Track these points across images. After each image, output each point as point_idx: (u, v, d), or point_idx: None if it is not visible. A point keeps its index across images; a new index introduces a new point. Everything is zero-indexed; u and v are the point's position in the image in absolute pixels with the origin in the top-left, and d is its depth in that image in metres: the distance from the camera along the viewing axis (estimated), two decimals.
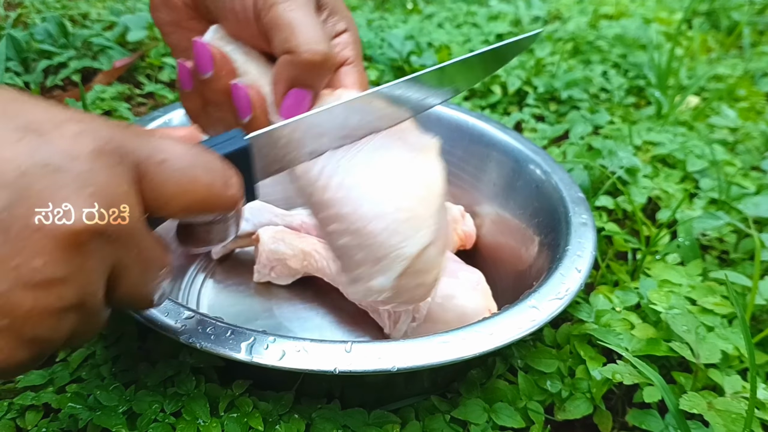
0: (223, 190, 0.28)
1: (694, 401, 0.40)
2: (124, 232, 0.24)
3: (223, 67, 0.34)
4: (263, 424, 0.39)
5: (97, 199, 0.23)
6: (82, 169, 0.22)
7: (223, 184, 0.28)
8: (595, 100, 0.89)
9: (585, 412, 0.44)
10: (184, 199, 0.27)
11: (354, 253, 0.34)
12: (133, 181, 0.25)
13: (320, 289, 0.55)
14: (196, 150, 0.27)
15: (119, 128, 0.25)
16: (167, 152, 0.26)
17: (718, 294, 0.51)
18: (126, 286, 0.26)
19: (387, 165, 0.34)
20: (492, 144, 0.60)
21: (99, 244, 0.23)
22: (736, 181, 0.67)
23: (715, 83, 0.97)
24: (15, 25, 0.95)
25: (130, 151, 0.25)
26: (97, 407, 0.40)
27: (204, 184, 0.27)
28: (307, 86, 0.34)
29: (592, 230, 0.48)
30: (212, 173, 0.27)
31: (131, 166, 0.24)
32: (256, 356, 0.35)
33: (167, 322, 0.37)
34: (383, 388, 0.43)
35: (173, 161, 0.26)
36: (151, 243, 0.27)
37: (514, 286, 0.51)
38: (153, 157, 0.25)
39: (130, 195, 0.24)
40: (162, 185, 0.26)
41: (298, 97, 0.34)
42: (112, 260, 0.24)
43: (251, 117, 0.35)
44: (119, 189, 0.24)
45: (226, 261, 0.60)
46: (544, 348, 0.48)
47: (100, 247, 0.23)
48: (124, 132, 0.25)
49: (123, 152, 0.24)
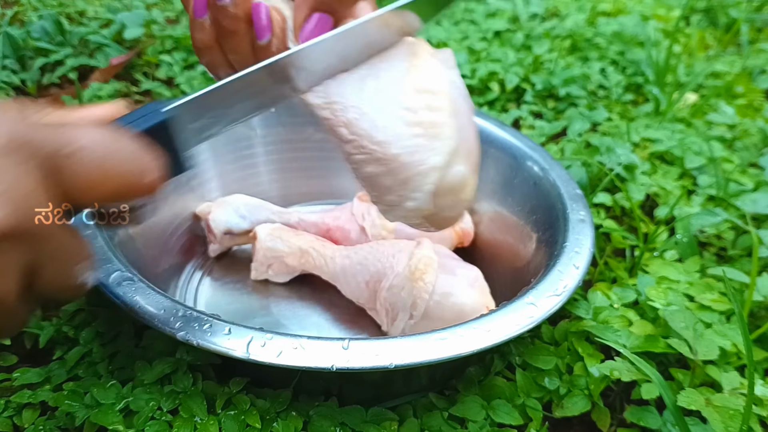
0: (140, 177, 0.27)
1: (692, 398, 0.40)
2: (36, 230, 0.23)
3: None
4: (260, 422, 0.39)
5: (5, 199, 0.22)
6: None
7: (141, 171, 0.27)
8: (593, 97, 0.89)
9: (583, 409, 0.44)
10: (101, 189, 0.26)
11: (382, 180, 0.33)
12: (44, 177, 0.24)
13: (318, 286, 0.55)
14: (112, 136, 0.26)
15: (27, 121, 0.24)
16: (79, 143, 0.25)
17: (716, 290, 0.50)
18: (44, 282, 0.25)
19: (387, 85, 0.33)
20: (490, 141, 0.60)
21: (10, 245, 0.22)
22: (734, 178, 0.67)
23: (713, 80, 0.97)
24: (12, 22, 0.94)
25: (39, 145, 0.24)
26: (94, 405, 0.40)
27: (120, 173, 0.26)
28: (331, 11, 0.33)
29: (590, 227, 0.48)
30: (128, 161, 0.26)
31: (41, 160, 0.23)
32: (253, 353, 0.35)
33: (164, 319, 0.37)
34: (381, 386, 0.43)
35: (86, 152, 0.25)
36: (67, 237, 0.26)
37: (512, 283, 0.51)
38: (64, 150, 0.24)
39: (41, 192, 0.23)
40: (76, 177, 0.25)
41: (320, 21, 0.33)
42: (26, 258, 0.24)
43: (269, 39, 0.34)
44: (28, 187, 0.23)
45: (224, 258, 0.60)
46: (542, 345, 0.48)
47: (12, 248, 0.23)
48: (32, 125, 0.24)
49: (31, 147, 0.23)
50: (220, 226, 0.57)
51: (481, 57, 0.97)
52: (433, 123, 0.32)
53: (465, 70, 0.91)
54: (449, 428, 0.41)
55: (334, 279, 0.53)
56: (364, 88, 0.33)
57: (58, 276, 0.26)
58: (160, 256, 0.54)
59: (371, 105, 0.33)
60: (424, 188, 0.32)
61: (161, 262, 0.54)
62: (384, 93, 0.33)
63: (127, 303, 0.38)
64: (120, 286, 0.39)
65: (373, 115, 0.32)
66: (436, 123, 0.32)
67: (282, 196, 0.64)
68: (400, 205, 0.34)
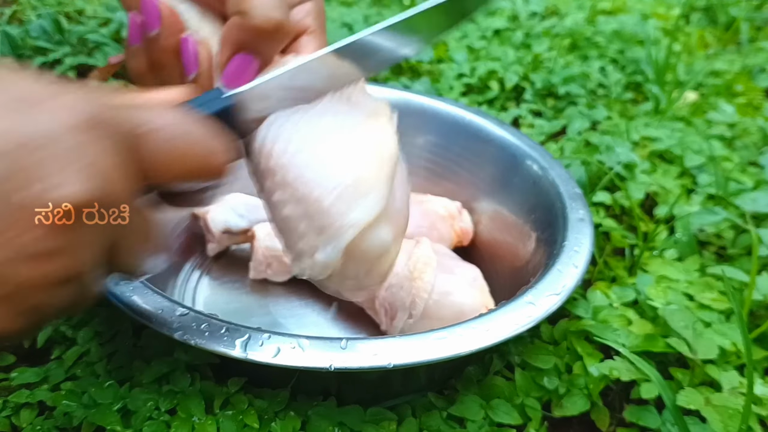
0: (212, 158, 0.28)
1: (691, 397, 0.40)
2: (114, 203, 0.24)
3: (172, 24, 0.33)
4: (259, 422, 0.39)
5: (88, 173, 0.22)
6: (71, 143, 0.22)
7: (213, 153, 0.28)
8: (592, 96, 0.89)
9: (582, 408, 0.44)
10: (175, 169, 0.26)
11: (298, 224, 0.31)
12: (124, 153, 0.24)
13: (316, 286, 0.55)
14: (184, 118, 0.27)
15: (109, 99, 0.25)
16: (159, 122, 0.26)
17: (715, 290, 0.50)
18: (120, 257, 0.26)
19: (334, 128, 0.32)
20: (489, 140, 0.60)
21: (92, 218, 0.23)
22: (734, 177, 0.67)
23: (713, 79, 0.96)
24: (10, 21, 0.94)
25: (121, 122, 0.24)
26: (92, 405, 0.39)
27: (193, 154, 0.27)
28: (255, 53, 0.33)
29: (590, 226, 0.48)
30: (201, 142, 0.27)
31: (122, 138, 0.24)
32: (251, 353, 0.35)
33: (162, 319, 0.37)
34: (380, 386, 0.43)
35: (164, 131, 0.26)
36: (141, 213, 0.27)
37: (511, 282, 0.51)
38: (144, 128, 0.25)
39: (121, 167, 0.24)
40: (153, 156, 0.25)
41: (243, 62, 0.33)
42: (106, 231, 0.24)
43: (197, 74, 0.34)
44: (109, 162, 0.23)
45: (222, 258, 0.59)
46: (541, 344, 0.48)
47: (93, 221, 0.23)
48: (114, 103, 0.25)
49: (113, 124, 0.24)
50: (219, 226, 0.57)
51: (481, 55, 0.97)
52: (367, 181, 0.30)
53: (464, 69, 0.91)
54: (448, 428, 0.41)
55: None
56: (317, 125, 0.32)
57: (133, 253, 0.27)
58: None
59: (312, 143, 0.31)
60: (339, 241, 0.30)
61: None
62: (329, 136, 0.31)
63: (125, 302, 0.38)
64: (118, 285, 0.39)
65: (311, 153, 0.31)
66: (369, 182, 0.30)
67: None
68: (309, 255, 0.31)
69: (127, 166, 0.24)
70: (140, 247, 0.27)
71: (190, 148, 0.27)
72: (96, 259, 0.25)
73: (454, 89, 0.87)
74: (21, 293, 0.22)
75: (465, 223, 0.59)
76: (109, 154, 0.23)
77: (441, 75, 0.91)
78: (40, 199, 0.22)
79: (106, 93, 0.26)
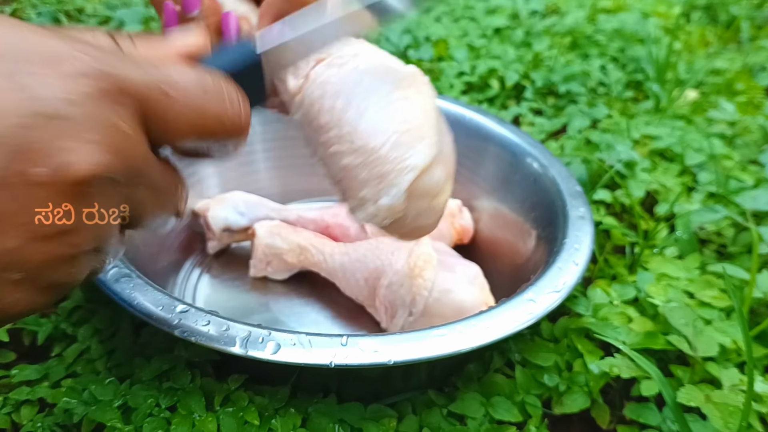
0: (232, 118, 0.27)
1: (691, 394, 0.39)
2: (131, 170, 0.24)
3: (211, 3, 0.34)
4: (259, 419, 0.39)
5: (100, 143, 0.22)
6: (82, 113, 0.22)
7: (232, 113, 0.27)
8: (593, 94, 0.89)
9: (582, 405, 0.44)
10: (191, 130, 0.26)
11: (358, 173, 0.33)
12: (137, 117, 0.24)
13: (317, 283, 0.55)
14: (204, 77, 0.27)
15: (120, 60, 0.24)
16: (173, 83, 0.25)
17: (716, 287, 0.50)
18: (144, 217, 0.26)
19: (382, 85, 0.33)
20: (489, 138, 0.60)
21: (106, 188, 0.23)
22: (735, 175, 0.67)
23: (714, 77, 0.96)
24: None
25: (133, 86, 0.24)
26: (92, 402, 0.39)
27: (212, 115, 0.27)
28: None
29: (590, 223, 0.48)
30: (221, 103, 0.27)
31: (135, 101, 0.24)
32: (251, 350, 0.35)
33: (162, 316, 0.37)
34: (380, 383, 0.43)
35: (180, 93, 0.25)
36: (160, 171, 0.26)
37: (511, 280, 0.51)
38: (158, 90, 0.25)
39: (135, 133, 0.24)
40: (168, 118, 0.25)
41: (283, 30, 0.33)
42: (123, 199, 0.24)
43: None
44: (123, 129, 0.23)
45: (222, 256, 0.59)
46: (541, 342, 0.48)
47: (108, 190, 0.23)
48: (125, 64, 0.24)
49: (125, 88, 0.23)
50: (219, 223, 0.57)
51: (481, 54, 0.97)
52: (420, 127, 0.32)
53: (465, 67, 0.91)
54: (448, 425, 0.41)
55: (333, 276, 0.53)
56: (361, 82, 0.33)
57: (157, 209, 0.27)
58: (159, 253, 0.53)
59: (363, 96, 0.32)
60: (401, 185, 0.32)
61: (159, 259, 0.53)
62: (378, 92, 0.33)
63: (125, 300, 0.38)
64: (118, 282, 0.39)
65: (363, 106, 0.32)
66: (422, 128, 0.32)
67: (281, 193, 0.64)
68: (373, 201, 0.33)
69: (140, 130, 0.24)
70: (158, 205, 0.27)
71: (209, 108, 0.26)
72: (112, 229, 0.24)
73: (454, 87, 0.87)
74: (39, 274, 0.22)
75: (465, 221, 0.59)
76: (123, 119, 0.23)
77: (441, 73, 0.90)
78: (54, 176, 0.21)
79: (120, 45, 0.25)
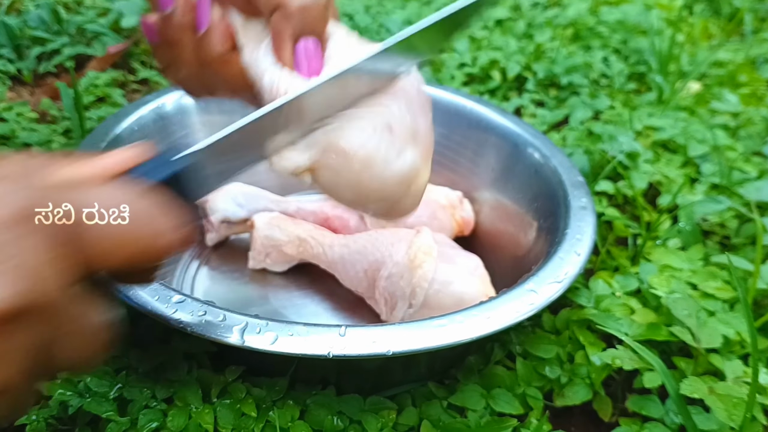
0: (162, 239, 0.25)
1: (694, 386, 0.39)
2: (51, 304, 0.21)
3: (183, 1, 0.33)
4: (256, 411, 0.39)
5: (18, 274, 0.20)
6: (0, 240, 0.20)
7: (163, 233, 0.25)
8: (595, 86, 0.88)
9: (584, 398, 0.43)
10: (119, 256, 0.23)
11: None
12: (59, 247, 0.21)
13: (316, 275, 0.55)
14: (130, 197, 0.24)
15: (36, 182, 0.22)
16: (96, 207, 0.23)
17: (719, 279, 0.50)
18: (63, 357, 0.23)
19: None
20: (490, 128, 0.59)
21: (21, 324, 0.20)
22: (738, 166, 0.66)
23: (717, 69, 0.96)
24: (8, 11, 0.93)
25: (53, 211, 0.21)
26: (88, 394, 0.39)
27: (141, 238, 0.24)
28: (310, 34, 0.32)
29: (592, 214, 0.47)
30: (151, 224, 0.24)
31: (56, 229, 0.21)
32: (248, 340, 0.34)
33: (158, 306, 0.36)
34: (379, 374, 0.43)
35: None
36: (85, 308, 0.23)
37: (512, 271, 0.50)
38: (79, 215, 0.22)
39: (55, 263, 0.21)
40: (93, 245, 0.22)
41: (307, 47, 0.32)
42: (38, 337, 0.21)
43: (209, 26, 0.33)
44: (41, 260, 0.20)
45: (221, 248, 0.59)
46: (542, 334, 0.47)
47: (23, 327, 0.20)
48: (43, 188, 0.22)
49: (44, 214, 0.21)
50: (218, 215, 0.56)
51: (483, 45, 0.96)
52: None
53: (466, 58, 0.91)
54: (448, 417, 0.41)
55: (333, 268, 0.53)
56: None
57: (77, 345, 0.23)
58: None
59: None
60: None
61: None
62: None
63: (122, 290, 0.37)
64: None
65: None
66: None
67: (280, 185, 0.63)
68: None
69: (62, 261, 0.21)
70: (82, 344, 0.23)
71: (135, 232, 0.24)
72: (26, 368, 0.21)
73: (455, 79, 0.86)
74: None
75: (466, 213, 0.58)
76: (40, 250, 0.21)
77: (442, 65, 0.90)
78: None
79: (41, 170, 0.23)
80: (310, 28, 0.32)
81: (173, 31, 0.34)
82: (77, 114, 0.66)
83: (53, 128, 0.69)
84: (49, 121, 0.72)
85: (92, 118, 0.69)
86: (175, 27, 0.34)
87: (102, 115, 0.70)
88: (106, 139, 0.51)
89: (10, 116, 0.68)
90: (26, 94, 0.79)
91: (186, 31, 0.34)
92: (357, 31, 0.95)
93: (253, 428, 0.38)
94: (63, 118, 0.71)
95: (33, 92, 0.80)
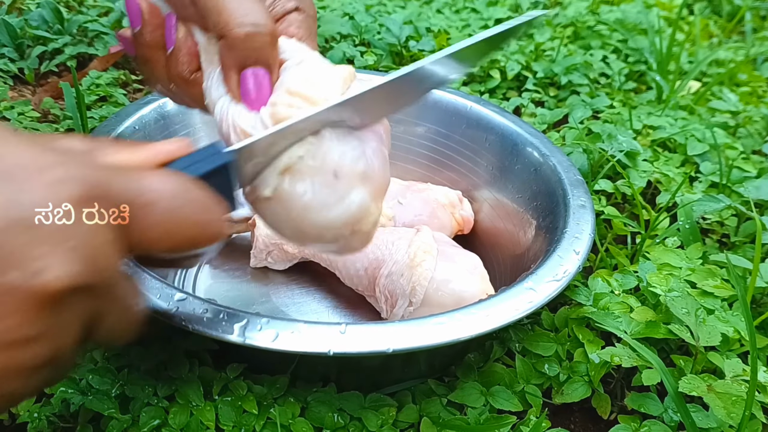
0: (210, 227, 0.26)
1: (693, 384, 0.39)
2: (105, 283, 0.23)
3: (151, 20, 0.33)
4: (257, 408, 0.39)
5: (77, 253, 0.21)
6: (60, 221, 0.21)
7: (211, 221, 0.26)
8: (594, 85, 0.88)
9: (583, 395, 0.43)
10: (170, 240, 0.25)
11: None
12: (116, 229, 0.23)
13: (317, 274, 0.55)
14: (183, 185, 0.25)
15: (100, 168, 0.23)
16: (153, 194, 0.24)
17: (718, 277, 0.50)
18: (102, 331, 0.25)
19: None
20: (490, 127, 0.59)
21: (76, 299, 0.22)
22: (737, 165, 0.66)
23: (716, 68, 0.96)
24: (10, 11, 0.93)
25: (114, 196, 0.23)
26: (90, 391, 0.39)
27: (191, 225, 0.25)
28: (258, 64, 0.31)
29: (591, 212, 0.47)
30: (200, 212, 0.26)
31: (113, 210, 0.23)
32: (249, 338, 0.35)
33: (160, 304, 0.37)
34: (379, 372, 0.43)
35: (159, 204, 0.24)
36: (128, 287, 0.25)
37: (512, 270, 0.50)
38: (138, 200, 0.24)
39: (111, 244, 0.23)
40: (148, 229, 0.24)
41: (254, 77, 0.31)
42: (89, 311, 0.23)
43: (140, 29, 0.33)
44: (101, 240, 0.22)
45: (223, 246, 0.59)
46: (541, 331, 0.47)
47: (77, 301, 0.22)
48: (104, 170, 0.23)
49: (104, 197, 0.22)
50: None
51: None
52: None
53: None
54: (448, 414, 0.41)
55: (333, 266, 0.53)
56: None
57: (118, 321, 0.25)
58: None
59: None
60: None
61: None
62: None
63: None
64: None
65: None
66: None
67: None
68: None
69: (117, 242, 0.23)
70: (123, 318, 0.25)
71: (187, 218, 0.25)
72: (76, 340, 0.23)
73: None
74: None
75: (466, 212, 0.58)
76: (99, 231, 0.22)
77: None
78: (25, 285, 0.20)
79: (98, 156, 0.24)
80: (253, 58, 0.31)
81: (144, 49, 0.34)
82: (79, 113, 0.66)
83: (55, 128, 0.69)
84: (51, 120, 0.72)
85: (94, 117, 0.69)
86: (145, 45, 0.34)
87: (104, 115, 0.70)
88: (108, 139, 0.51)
89: (12, 115, 0.69)
90: (28, 94, 0.80)
91: (156, 49, 0.34)
92: (357, 31, 0.96)
93: (254, 425, 0.39)
94: (65, 118, 0.71)
95: (35, 91, 0.80)
